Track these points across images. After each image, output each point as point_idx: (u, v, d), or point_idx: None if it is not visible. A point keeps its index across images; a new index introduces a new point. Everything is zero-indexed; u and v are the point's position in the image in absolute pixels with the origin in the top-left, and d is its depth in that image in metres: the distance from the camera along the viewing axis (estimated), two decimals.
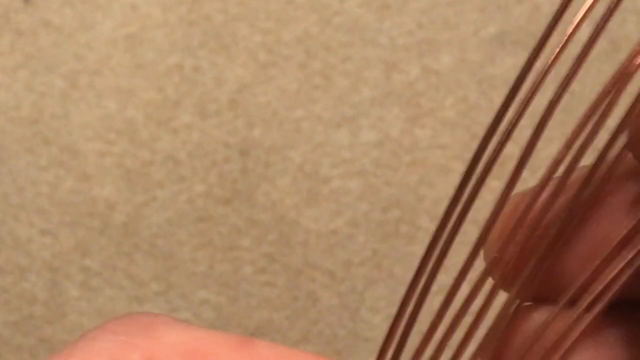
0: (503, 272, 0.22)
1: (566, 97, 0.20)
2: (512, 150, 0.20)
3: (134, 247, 0.61)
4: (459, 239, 0.21)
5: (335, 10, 0.61)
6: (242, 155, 0.61)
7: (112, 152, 0.61)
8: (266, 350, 0.26)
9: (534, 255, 0.21)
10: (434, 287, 0.22)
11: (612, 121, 0.20)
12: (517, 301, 0.22)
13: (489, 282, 0.22)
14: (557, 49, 0.20)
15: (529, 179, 0.21)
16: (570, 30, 0.20)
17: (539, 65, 0.20)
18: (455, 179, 0.63)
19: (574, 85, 0.20)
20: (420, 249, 0.22)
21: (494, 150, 0.21)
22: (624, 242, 0.20)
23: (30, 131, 0.61)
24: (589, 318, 0.21)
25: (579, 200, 0.21)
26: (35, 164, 0.62)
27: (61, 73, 0.62)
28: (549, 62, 0.20)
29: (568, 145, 0.21)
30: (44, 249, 0.62)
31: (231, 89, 0.61)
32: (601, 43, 0.58)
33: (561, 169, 0.21)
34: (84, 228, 0.61)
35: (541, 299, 0.23)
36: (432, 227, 0.23)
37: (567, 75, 0.20)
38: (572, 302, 0.21)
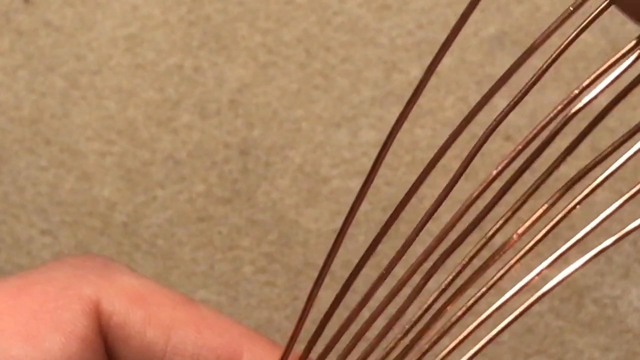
0: None
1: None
2: (511, 150, 0.20)
3: (134, 247, 0.61)
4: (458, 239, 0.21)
5: (335, 10, 0.61)
6: (242, 155, 0.61)
7: (112, 152, 0.61)
8: (207, 311, 0.27)
9: None
10: (430, 285, 0.22)
11: None
12: None
13: None
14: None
15: (529, 180, 0.21)
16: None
17: (537, 63, 0.20)
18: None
19: (574, 86, 0.20)
20: (420, 249, 0.22)
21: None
22: None
23: (31, 131, 0.61)
24: None
25: None
26: (35, 164, 0.62)
27: (61, 73, 0.62)
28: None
29: None
30: (44, 249, 0.62)
31: (231, 89, 0.61)
32: (601, 43, 0.58)
33: None
34: (84, 228, 0.61)
35: None
36: (432, 227, 0.23)
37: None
38: None
